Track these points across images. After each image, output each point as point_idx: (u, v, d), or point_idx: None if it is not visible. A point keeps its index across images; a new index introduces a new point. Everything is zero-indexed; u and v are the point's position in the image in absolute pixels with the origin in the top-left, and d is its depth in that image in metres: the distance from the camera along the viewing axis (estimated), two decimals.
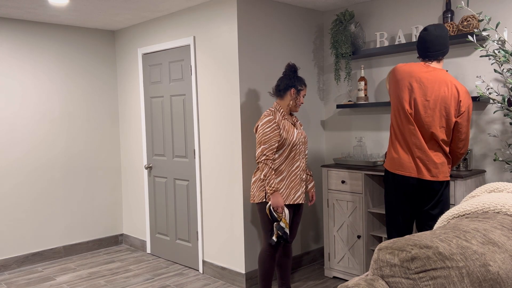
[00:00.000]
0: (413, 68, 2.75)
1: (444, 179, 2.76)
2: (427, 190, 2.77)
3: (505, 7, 3.19)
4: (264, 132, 3.07)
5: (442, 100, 2.68)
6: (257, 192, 3.18)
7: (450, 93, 2.68)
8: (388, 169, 2.86)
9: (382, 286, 1.17)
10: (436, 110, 2.69)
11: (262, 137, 3.07)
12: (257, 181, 3.19)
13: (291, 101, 3.20)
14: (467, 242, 1.24)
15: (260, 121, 3.14)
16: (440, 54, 2.76)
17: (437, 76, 2.71)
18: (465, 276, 1.15)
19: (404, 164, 2.78)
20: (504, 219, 1.46)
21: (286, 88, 3.19)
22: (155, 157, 4.60)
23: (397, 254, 1.19)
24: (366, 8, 3.97)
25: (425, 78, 2.70)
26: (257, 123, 3.17)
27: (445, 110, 2.69)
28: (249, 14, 3.68)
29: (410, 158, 2.76)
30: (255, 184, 3.20)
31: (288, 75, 3.24)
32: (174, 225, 4.42)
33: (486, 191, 1.82)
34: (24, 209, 4.43)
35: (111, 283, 3.94)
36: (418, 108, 2.70)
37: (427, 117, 2.69)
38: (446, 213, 1.70)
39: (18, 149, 4.38)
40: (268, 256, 3.20)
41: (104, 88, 4.99)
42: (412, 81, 2.72)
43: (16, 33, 4.34)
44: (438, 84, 2.69)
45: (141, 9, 4.07)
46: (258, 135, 3.10)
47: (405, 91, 2.74)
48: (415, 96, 2.70)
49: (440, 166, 2.74)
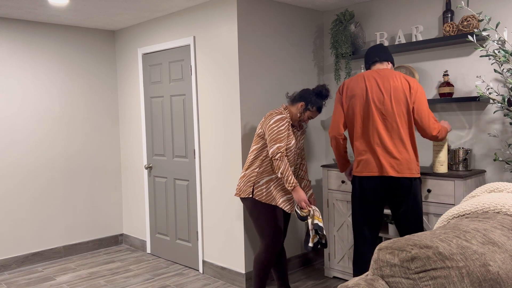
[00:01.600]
0: (358, 76, 2.96)
1: (411, 175, 2.81)
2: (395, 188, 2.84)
3: (505, 7, 3.19)
4: (279, 130, 3.01)
5: (394, 90, 2.81)
6: (244, 187, 3.15)
7: (399, 83, 2.82)
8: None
9: (382, 286, 1.17)
10: (392, 100, 2.81)
11: (277, 135, 3.00)
12: (245, 176, 3.17)
13: (298, 113, 3.16)
14: (467, 242, 1.24)
15: (271, 119, 3.06)
16: (377, 57, 2.98)
17: (384, 73, 2.88)
18: (465, 276, 1.15)
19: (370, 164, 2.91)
20: (504, 219, 1.46)
21: (299, 99, 3.16)
22: (155, 157, 4.60)
23: (397, 254, 1.19)
24: (366, 8, 3.98)
25: (377, 75, 2.89)
26: (265, 121, 3.09)
27: (400, 99, 2.81)
28: (249, 14, 3.68)
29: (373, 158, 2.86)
30: (242, 179, 3.18)
31: (312, 92, 3.18)
32: (174, 225, 4.42)
33: (486, 191, 1.82)
34: (24, 209, 4.43)
35: (111, 283, 3.94)
36: (376, 103, 2.85)
37: (386, 109, 2.82)
38: (446, 213, 1.70)
39: (18, 149, 4.38)
40: (266, 260, 3.15)
41: (104, 88, 4.99)
42: (362, 84, 2.90)
43: (16, 33, 4.35)
44: (387, 78, 2.85)
45: (141, 9, 4.07)
46: (272, 133, 3.01)
47: (358, 96, 2.91)
48: (372, 95, 2.85)
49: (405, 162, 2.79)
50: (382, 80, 2.85)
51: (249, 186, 3.14)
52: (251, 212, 3.17)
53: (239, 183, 3.22)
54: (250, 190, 3.13)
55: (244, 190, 3.16)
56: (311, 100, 3.14)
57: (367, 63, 3.05)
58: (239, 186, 3.20)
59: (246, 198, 3.17)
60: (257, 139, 3.17)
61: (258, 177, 3.13)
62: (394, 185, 2.82)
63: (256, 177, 3.13)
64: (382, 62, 3.00)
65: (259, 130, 3.16)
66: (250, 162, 3.18)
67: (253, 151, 3.18)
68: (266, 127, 3.06)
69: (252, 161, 3.17)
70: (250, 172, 3.16)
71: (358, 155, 2.92)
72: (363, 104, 2.87)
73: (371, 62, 3.02)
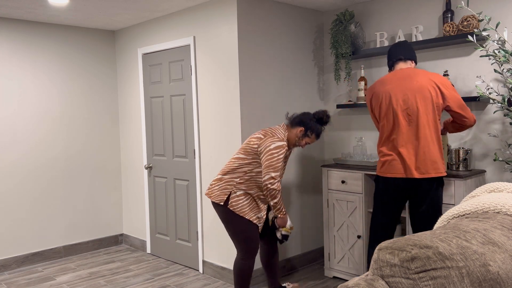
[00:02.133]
0: (381, 81, 2.94)
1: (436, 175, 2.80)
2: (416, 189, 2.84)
3: (505, 7, 3.19)
4: (278, 158, 2.91)
5: (419, 89, 2.77)
6: (218, 192, 3.04)
7: (425, 82, 2.78)
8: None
9: (382, 286, 1.17)
10: (417, 99, 2.77)
11: (276, 162, 2.91)
12: (222, 181, 3.05)
13: (295, 138, 3.09)
14: (467, 242, 1.24)
15: (272, 143, 2.94)
16: (401, 55, 2.94)
17: (408, 72, 2.85)
18: (465, 276, 1.15)
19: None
20: (504, 219, 1.46)
21: (299, 123, 3.08)
22: (155, 157, 4.60)
23: (397, 254, 1.19)
24: (366, 8, 3.97)
25: (400, 76, 2.86)
26: (265, 141, 2.96)
27: (426, 98, 2.77)
28: (249, 14, 3.68)
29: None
30: (218, 183, 3.06)
31: (313, 117, 3.12)
32: (174, 225, 4.42)
33: (486, 191, 1.82)
34: (24, 209, 4.43)
35: (111, 283, 3.94)
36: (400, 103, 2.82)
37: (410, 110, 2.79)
38: (446, 213, 1.70)
39: (18, 149, 4.38)
40: (244, 266, 3.08)
41: (104, 88, 4.99)
42: (386, 87, 2.87)
43: (16, 33, 4.35)
44: (411, 78, 2.81)
45: (141, 9, 4.07)
46: (271, 159, 2.90)
47: (383, 99, 2.89)
48: (396, 98, 2.82)
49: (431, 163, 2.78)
50: (406, 81, 2.81)
51: (225, 194, 3.02)
52: (225, 219, 3.07)
53: (212, 184, 3.09)
54: (225, 198, 3.02)
55: (217, 195, 3.04)
56: (311, 126, 3.07)
57: (391, 60, 2.98)
58: (212, 189, 3.07)
59: (218, 204, 3.06)
60: (248, 150, 3.02)
61: (236, 187, 3.03)
62: (418, 185, 2.79)
63: (234, 187, 3.03)
64: (406, 61, 2.94)
65: (254, 144, 3.00)
66: (231, 169, 3.05)
67: (238, 159, 3.04)
68: (266, 150, 2.94)
69: (233, 169, 3.04)
70: (228, 179, 3.04)
71: (383, 156, 2.89)
72: (388, 108, 2.84)
73: (395, 60, 2.96)
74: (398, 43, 3.03)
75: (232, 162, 3.07)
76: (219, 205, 3.06)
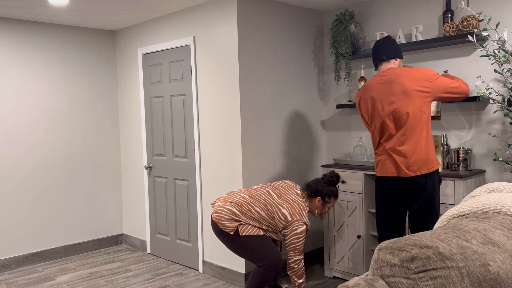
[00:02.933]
0: (367, 84, 2.95)
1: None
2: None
3: (505, 7, 3.19)
4: (302, 242, 3.01)
5: (404, 91, 2.76)
6: (228, 223, 2.98)
7: (408, 81, 2.77)
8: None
9: (382, 286, 1.17)
10: (403, 101, 2.77)
11: (301, 246, 3.01)
12: (231, 212, 2.99)
13: (317, 209, 3.19)
14: (467, 242, 1.24)
15: (299, 226, 3.00)
16: (384, 55, 2.91)
17: (390, 75, 2.84)
18: (465, 276, 1.15)
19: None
20: (504, 219, 1.46)
21: (315, 194, 3.16)
22: (155, 157, 4.60)
23: (397, 254, 1.19)
24: (366, 8, 3.98)
25: (383, 81, 2.85)
26: (292, 223, 3.00)
27: (412, 97, 2.76)
28: (249, 14, 3.68)
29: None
30: (228, 212, 2.99)
31: (323, 182, 3.18)
32: (174, 225, 4.42)
33: (486, 191, 1.82)
34: (24, 209, 4.43)
35: (111, 283, 3.94)
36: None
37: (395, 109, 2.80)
38: (446, 213, 1.70)
39: (18, 149, 4.38)
40: (267, 278, 3.05)
41: (104, 88, 5.00)
42: (371, 94, 2.89)
43: (16, 33, 4.34)
44: (393, 81, 2.81)
45: (141, 9, 4.07)
46: (298, 242, 2.98)
47: (369, 105, 2.91)
48: (381, 103, 2.84)
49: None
50: (389, 85, 2.81)
51: (234, 224, 2.99)
52: (242, 247, 3.00)
53: (221, 209, 3.01)
54: (234, 227, 2.98)
55: (228, 225, 2.98)
56: (327, 193, 3.16)
57: (374, 61, 2.98)
58: (222, 219, 2.99)
59: (228, 234, 3.00)
60: (272, 223, 3.03)
61: (246, 221, 3.02)
62: (410, 183, 2.80)
63: (245, 221, 3.01)
64: (389, 61, 2.92)
65: (280, 222, 3.01)
66: (251, 211, 3.01)
67: (260, 215, 3.02)
68: (292, 233, 2.99)
69: (254, 214, 3.01)
70: (240, 215, 3.00)
71: (377, 156, 2.94)
72: (374, 113, 2.87)
73: (378, 61, 2.96)
74: (380, 41, 2.98)
75: (252, 211, 3.02)
76: (228, 234, 3.00)
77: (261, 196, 3.08)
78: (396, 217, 2.94)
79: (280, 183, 3.24)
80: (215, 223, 3.02)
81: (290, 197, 3.10)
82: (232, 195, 3.10)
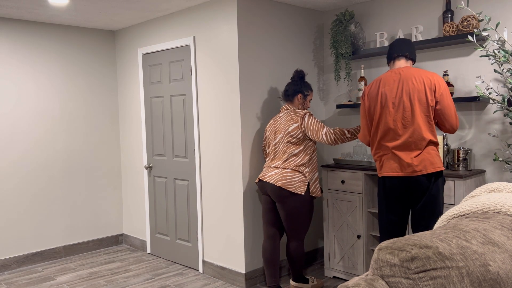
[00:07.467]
0: (380, 78, 2.93)
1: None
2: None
3: (505, 7, 3.19)
4: (316, 120, 3.29)
5: (414, 91, 2.76)
6: (298, 183, 3.27)
7: (421, 83, 2.76)
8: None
9: (382, 286, 1.17)
10: (412, 101, 2.76)
11: (319, 123, 3.28)
12: (295, 172, 3.29)
13: (299, 106, 3.45)
14: (467, 242, 1.24)
15: (303, 118, 3.28)
16: (407, 52, 2.91)
17: (405, 73, 2.82)
18: (465, 276, 1.15)
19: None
20: (504, 219, 1.46)
21: (294, 93, 3.44)
22: (155, 157, 4.60)
23: (397, 254, 1.19)
24: (366, 8, 3.98)
25: (396, 77, 2.84)
26: (301, 122, 3.28)
27: (421, 99, 2.75)
28: (249, 14, 3.68)
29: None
30: (293, 174, 3.28)
31: (296, 81, 3.47)
32: (174, 225, 4.42)
33: (486, 191, 1.82)
34: (24, 209, 4.43)
35: (111, 283, 3.94)
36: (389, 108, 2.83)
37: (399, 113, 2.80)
38: (446, 213, 1.70)
39: (18, 149, 4.38)
40: (303, 250, 3.48)
41: (104, 88, 5.00)
42: (383, 88, 2.87)
43: (16, 33, 4.35)
44: (407, 80, 2.80)
45: (141, 9, 4.07)
46: (314, 124, 3.26)
47: (377, 102, 2.90)
48: (390, 99, 2.83)
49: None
50: (402, 83, 2.80)
51: (304, 183, 3.28)
52: (300, 208, 3.30)
53: (284, 174, 3.29)
54: (305, 187, 3.28)
55: (298, 186, 3.27)
56: (302, 86, 3.44)
57: (394, 53, 2.93)
58: (288, 180, 3.27)
59: (297, 194, 3.28)
60: (296, 139, 3.31)
61: (309, 175, 3.33)
62: (415, 183, 2.79)
63: (309, 175, 3.32)
64: (407, 60, 2.92)
65: (298, 133, 3.29)
66: (289, 159, 3.31)
67: (296, 147, 3.31)
68: (308, 125, 3.27)
69: (295, 159, 3.30)
70: (300, 169, 3.29)
71: (379, 156, 2.91)
72: (382, 109, 2.85)
73: (399, 54, 2.92)
74: (404, 39, 2.97)
75: (288, 150, 3.33)
76: (297, 195, 3.29)
77: (278, 148, 3.38)
78: (399, 217, 2.93)
79: (269, 127, 3.53)
80: (282, 189, 3.26)
81: (283, 121, 3.38)
82: (273, 168, 3.37)
